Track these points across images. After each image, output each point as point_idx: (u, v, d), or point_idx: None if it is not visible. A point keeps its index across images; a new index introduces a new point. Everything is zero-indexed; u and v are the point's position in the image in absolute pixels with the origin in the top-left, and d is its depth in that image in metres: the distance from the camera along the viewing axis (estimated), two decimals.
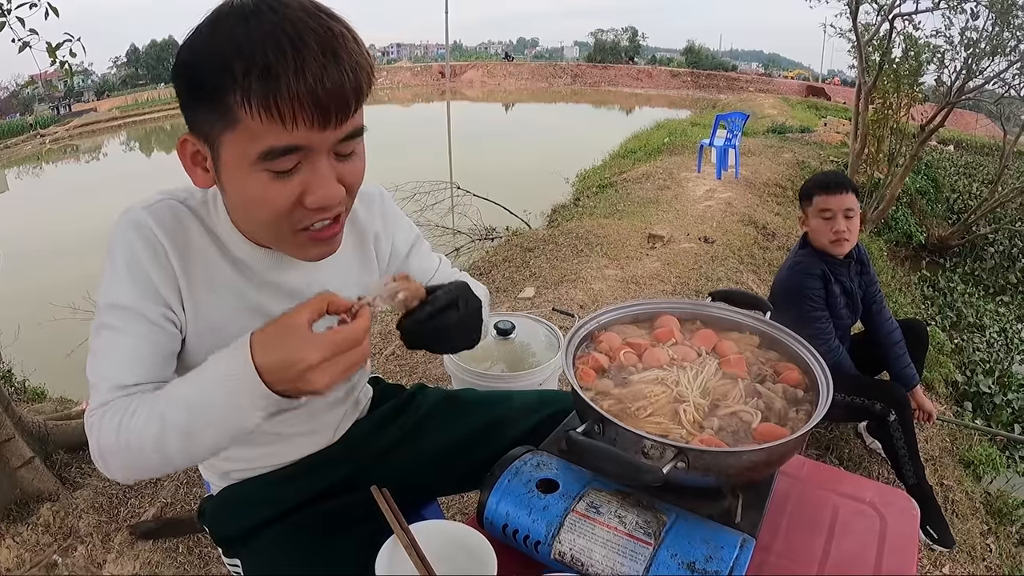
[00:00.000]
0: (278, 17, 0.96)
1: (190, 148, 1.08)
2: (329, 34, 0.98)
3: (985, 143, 17.87)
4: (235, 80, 0.95)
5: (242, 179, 1.04)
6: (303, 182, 1.04)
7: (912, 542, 1.29)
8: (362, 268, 1.43)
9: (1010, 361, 6.72)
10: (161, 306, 1.15)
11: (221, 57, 0.96)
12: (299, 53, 0.95)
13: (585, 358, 1.34)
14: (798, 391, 1.27)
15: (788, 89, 38.90)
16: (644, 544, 1.05)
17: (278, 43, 0.95)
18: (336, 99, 0.99)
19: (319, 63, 0.96)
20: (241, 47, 0.95)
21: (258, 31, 0.95)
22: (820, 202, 3.13)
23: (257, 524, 1.43)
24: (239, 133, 0.99)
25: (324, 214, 1.09)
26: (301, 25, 0.96)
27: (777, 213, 8.83)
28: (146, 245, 1.13)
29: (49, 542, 2.86)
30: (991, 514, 3.80)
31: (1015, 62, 9.70)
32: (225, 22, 0.98)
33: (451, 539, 1.15)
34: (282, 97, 0.95)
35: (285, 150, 0.99)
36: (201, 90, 0.99)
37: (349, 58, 0.99)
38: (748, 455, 1.06)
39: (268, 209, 1.06)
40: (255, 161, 1.00)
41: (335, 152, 1.06)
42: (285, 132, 0.97)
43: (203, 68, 0.98)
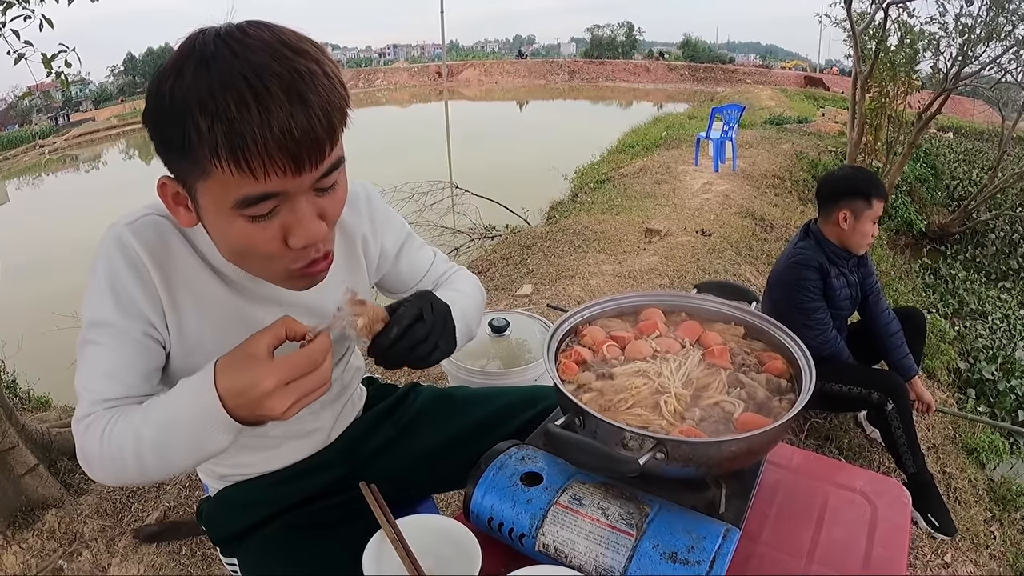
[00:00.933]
0: (239, 62, 0.93)
1: (170, 190, 1.06)
2: (294, 75, 0.94)
3: (984, 129, 17.82)
4: (200, 134, 0.92)
5: (222, 224, 1.03)
6: (283, 224, 1.03)
7: (903, 531, 1.30)
8: (351, 272, 1.43)
9: (1013, 347, 6.70)
10: (142, 323, 1.16)
11: (185, 109, 0.93)
12: (262, 103, 0.91)
13: (568, 352, 1.36)
14: (782, 381, 1.28)
15: (786, 80, 38.83)
16: (626, 535, 1.06)
17: (240, 93, 0.91)
18: (307, 145, 0.96)
19: (285, 111, 0.93)
20: (203, 98, 0.92)
21: (219, 79, 0.92)
22: (877, 207, 3.14)
23: (254, 524, 1.45)
24: (212, 182, 0.97)
25: (312, 252, 1.09)
26: (263, 69, 0.93)
27: (775, 204, 8.82)
28: (127, 264, 1.14)
29: (54, 548, 2.89)
30: (995, 501, 3.80)
31: (1011, 47, 9.69)
32: (187, 68, 0.94)
33: (437, 533, 1.17)
34: (249, 151, 0.92)
35: (259, 198, 0.98)
36: (171, 143, 0.97)
37: (318, 98, 0.96)
38: (728, 445, 1.07)
39: (254, 252, 1.06)
40: (231, 209, 0.99)
41: (315, 189, 1.04)
42: (259, 183, 0.96)
43: (169, 120, 0.96)
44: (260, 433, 1.37)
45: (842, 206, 3.16)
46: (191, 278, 1.20)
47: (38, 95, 28.21)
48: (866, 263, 3.35)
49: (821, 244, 3.23)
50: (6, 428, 3.02)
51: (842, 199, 3.17)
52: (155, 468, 1.07)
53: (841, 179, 3.27)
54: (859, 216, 3.13)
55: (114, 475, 1.11)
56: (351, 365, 1.59)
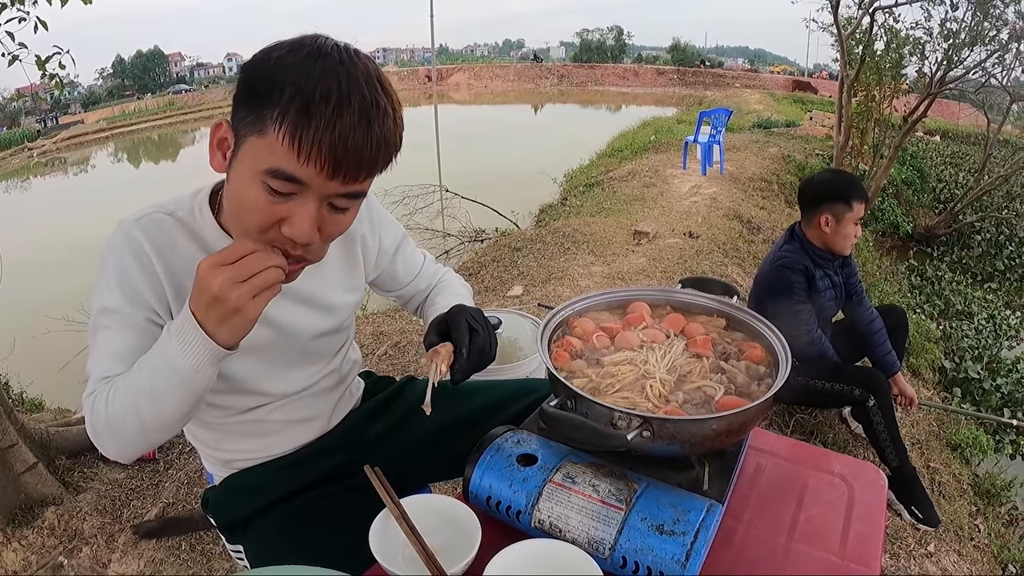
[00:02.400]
0: (343, 69, 1.05)
1: (221, 132, 1.15)
2: (373, 104, 1.06)
3: (970, 132, 17.96)
4: (280, 100, 1.02)
5: (246, 182, 1.10)
6: (289, 211, 1.10)
7: (879, 510, 1.37)
8: (348, 270, 1.51)
9: (999, 347, 6.80)
10: (146, 311, 1.24)
11: (281, 76, 1.04)
12: (340, 107, 1.02)
13: (560, 342, 1.43)
14: (760, 367, 1.35)
15: (774, 84, 39.07)
16: (616, 509, 1.13)
17: (328, 91, 1.02)
18: (352, 160, 1.06)
19: (350, 122, 1.03)
20: (299, 77, 1.03)
21: (320, 73, 1.03)
22: (858, 210, 3.19)
23: (258, 510, 1.51)
24: (262, 142, 1.05)
25: (293, 247, 1.15)
26: (354, 85, 1.04)
27: (762, 207, 8.90)
28: (134, 257, 1.23)
29: (54, 544, 2.91)
30: (979, 495, 3.87)
31: (995, 51, 9.80)
32: (301, 50, 1.06)
33: (439, 512, 1.23)
34: (307, 135, 1.02)
35: (288, 176, 1.05)
36: (253, 92, 1.07)
37: (380, 130, 1.07)
38: (709, 423, 1.14)
39: (253, 218, 1.12)
40: (261, 173, 1.07)
41: (331, 202, 1.12)
42: (296, 164, 1.04)
43: (264, 77, 1.06)
44: (260, 418, 1.45)
45: (823, 210, 3.22)
46: (193, 268, 1.23)
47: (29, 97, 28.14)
48: (850, 263, 3.41)
49: (805, 247, 3.27)
50: (5, 426, 3.03)
51: (823, 204, 3.22)
52: (151, 419, 1.15)
53: (820, 184, 3.33)
54: (840, 219, 3.18)
55: (120, 440, 1.20)
56: (349, 356, 1.65)
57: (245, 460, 1.54)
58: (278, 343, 1.40)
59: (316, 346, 1.48)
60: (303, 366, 1.49)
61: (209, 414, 1.46)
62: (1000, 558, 3.34)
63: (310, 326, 1.44)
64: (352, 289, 1.53)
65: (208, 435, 1.52)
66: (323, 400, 1.58)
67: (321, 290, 1.44)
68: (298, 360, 1.47)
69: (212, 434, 1.51)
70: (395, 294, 1.74)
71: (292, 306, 1.39)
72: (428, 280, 1.72)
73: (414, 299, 1.74)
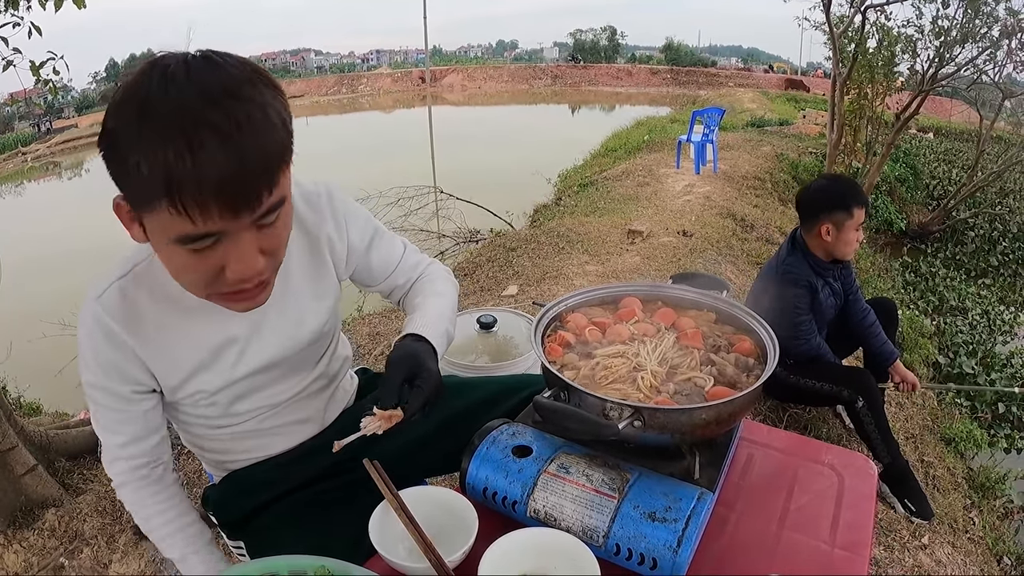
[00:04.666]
0: (174, 107, 0.95)
1: (124, 210, 1.08)
2: (231, 125, 0.96)
3: (964, 129, 18.01)
4: (141, 176, 0.96)
5: (165, 252, 1.08)
6: (224, 256, 1.06)
7: (869, 499, 1.39)
8: (317, 275, 1.47)
9: (993, 342, 6.83)
10: (129, 384, 1.31)
11: (128, 151, 0.96)
12: (196, 155, 0.94)
13: (553, 336, 1.45)
14: (749, 359, 1.37)
15: (767, 83, 39.08)
16: (609, 498, 1.16)
17: (176, 143, 0.93)
18: (242, 193, 1.00)
19: (218, 162, 0.95)
20: (143, 144, 0.95)
21: (159, 127, 0.94)
22: (859, 216, 3.15)
23: (258, 506, 1.53)
24: (155, 216, 1.01)
25: (245, 284, 1.12)
26: (200, 120, 0.95)
27: (756, 205, 8.92)
28: (106, 339, 1.25)
29: (55, 545, 2.93)
30: (974, 489, 3.90)
31: (986, 48, 9.85)
32: (131, 110, 0.97)
33: (437, 503, 1.26)
34: (186, 199, 0.96)
35: (199, 237, 1.01)
36: (119, 178, 1.02)
37: (255, 142, 0.99)
38: (698, 412, 1.17)
39: (192, 278, 1.11)
40: (172, 242, 1.03)
41: (257, 225, 1.07)
42: (195, 226, 0.99)
43: (115, 158, 1.00)
44: (253, 428, 1.47)
45: (823, 220, 3.18)
46: (164, 325, 1.28)
47: (23, 101, 28.01)
48: (848, 267, 3.42)
49: (807, 258, 3.26)
50: (5, 429, 3.05)
51: (822, 213, 3.18)
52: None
53: (819, 193, 3.29)
54: (841, 227, 3.15)
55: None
56: (337, 355, 1.65)
57: (243, 462, 1.56)
58: (260, 368, 1.40)
59: (297, 360, 1.48)
60: (289, 377, 1.49)
61: (202, 429, 1.48)
62: (995, 551, 3.37)
63: (288, 346, 1.43)
64: (323, 295, 1.49)
65: (203, 442, 1.54)
66: (315, 402, 1.58)
67: (293, 306, 1.42)
68: (284, 374, 1.47)
69: (207, 442, 1.53)
70: (374, 289, 1.69)
71: (267, 333, 1.38)
72: (407, 275, 1.66)
73: (394, 293, 1.69)
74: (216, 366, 1.34)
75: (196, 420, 1.45)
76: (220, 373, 1.34)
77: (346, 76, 58.50)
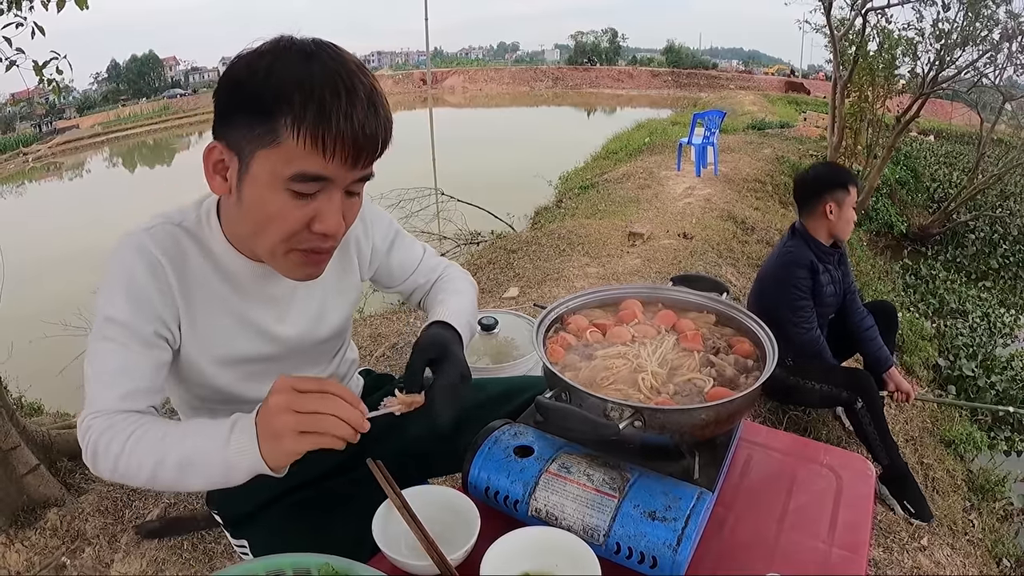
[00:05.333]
0: (336, 65, 1.10)
1: (216, 156, 1.17)
2: (373, 91, 1.12)
3: (964, 132, 18.03)
4: (291, 107, 1.06)
5: (266, 194, 1.14)
6: (317, 209, 1.14)
7: (867, 499, 1.41)
8: (343, 273, 1.52)
9: (993, 344, 6.84)
10: (155, 324, 1.24)
11: (283, 84, 1.07)
12: (351, 100, 1.08)
13: (555, 338, 1.47)
14: (748, 360, 1.39)
15: (768, 85, 39.13)
16: (610, 497, 1.17)
17: (335, 87, 1.07)
18: (370, 144, 1.11)
19: (364, 112, 1.09)
20: (303, 81, 1.07)
21: (320, 72, 1.08)
22: (855, 193, 3.33)
23: (262, 504, 1.55)
24: (277, 152, 1.09)
25: (325, 241, 1.20)
26: (354, 77, 1.10)
27: (756, 208, 8.93)
28: (148, 268, 1.23)
29: (57, 545, 2.93)
30: (973, 491, 3.91)
31: (987, 51, 9.86)
32: (288, 55, 1.09)
33: (439, 502, 1.27)
34: (329, 132, 1.06)
35: (315, 177, 1.11)
36: (253, 107, 1.09)
37: (385, 113, 1.14)
38: (698, 412, 1.18)
39: (281, 227, 1.16)
40: (285, 180, 1.11)
41: (347, 190, 1.18)
42: (321, 162, 1.09)
43: (262, 89, 1.08)
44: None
45: (826, 199, 3.30)
46: (203, 281, 1.30)
47: (25, 102, 28.01)
48: (845, 260, 3.47)
49: (809, 242, 3.35)
50: (8, 428, 3.05)
51: (825, 192, 3.31)
52: (166, 484, 1.17)
53: (820, 174, 3.43)
54: (842, 204, 3.29)
55: (118, 479, 1.19)
56: (346, 358, 1.68)
57: None
58: (276, 354, 1.42)
59: (313, 353, 1.51)
60: (301, 371, 1.49)
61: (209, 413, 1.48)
62: (994, 553, 3.38)
63: (308, 336, 1.46)
64: (346, 292, 1.55)
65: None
66: None
67: (319, 298, 1.46)
68: (295, 368, 1.48)
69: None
70: (394, 290, 1.74)
71: (292, 318, 1.42)
72: (427, 275, 1.72)
73: (415, 294, 1.74)
74: (238, 338, 1.36)
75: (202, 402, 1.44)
76: (239, 347, 1.36)
77: None
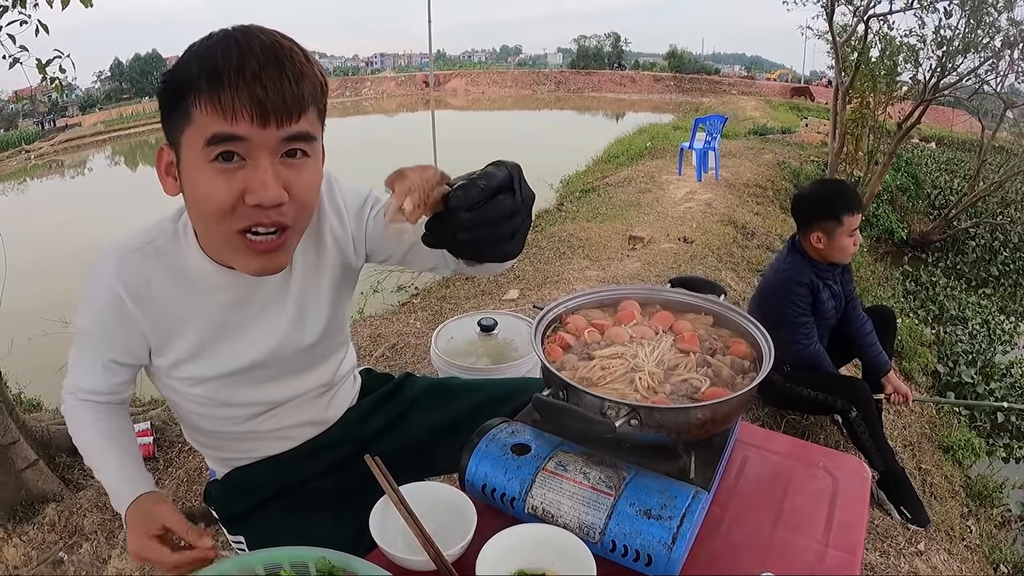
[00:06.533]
0: (239, 30, 1.12)
1: (165, 158, 1.21)
2: (276, 46, 1.11)
3: (966, 139, 18.03)
4: (190, 82, 1.09)
5: (195, 175, 1.14)
6: (245, 179, 1.12)
7: (863, 500, 1.42)
8: (318, 275, 1.46)
9: (993, 352, 6.84)
10: (117, 353, 1.36)
11: (188, 65, 1.11)
12: (243, 55, 1.07)
13: (553, 337, 1.47)
14: (745, 362, 1.40)
15: (770, 91, 39.15)
16: (606, 495, 1.18)
17: (227, 49, 1.08)
18: (273, 98, 1.08)
19: (259, 63, 1.08)
20: (202, 55, 1.10)
21: (217, 40, 1.11)
22: (851, 222, 3.13)
23: (259, 502, 1.56)
24: (193, 128, 1.11)
25: (264, 215, 1.15)
26: (251, 38, 1.10)
27: (757, 213, 8.94)
28: (111, 305, 1.30)
29: (55, 540, 2.94)
30: (971, 497, 3.91)
31: (988, 58, 9.88)
32: (199, 41, 1.13)
33: (436, 499, 1.28)
34: (223, 90, 1.06)
35: (227, 137, 1.09)
36: (171, 98, 1.14)
37: (292, 67, 1.11)
38: (694, 411, 1.19)
39: (213, 203, 1.14)
40: (203, 149, 1.11)
41: (282, 154, 1.14)
42: (227, 123, 1.08)
43: (171, 79, 1.13)
44: (251, 430, 1.50)
45: (814, 228, 3.20)
46: (171, 302, 1.32)
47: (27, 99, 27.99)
48: (847, 269, 3.44)
49: (807, 260, 3.27)
50: (7, 423, 3.06)
51: (812, 221, 3.20)
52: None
53: (808, 200, 3.32)
54: (832, 235, 3.15)
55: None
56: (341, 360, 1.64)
57: (246, 459, 1.58)
58: (258, 363, 1.41)
59: (298, 359, 1.48)
60: (292, 378, 1.50)
61: (202, 425, 1.50)
62: (992, 559, 3.38)
63: (288, 343, 1.43)
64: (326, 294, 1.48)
65: (205, 439, 1.56)
66: (316, 404, 1.60)
67: (295, 303, 1.42)
68: (286, 373, 1.48)
69: (209, 439, 1.55)
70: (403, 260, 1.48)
71: (268, 325, 1.40)
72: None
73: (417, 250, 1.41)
74: (213, 350, 1.36)
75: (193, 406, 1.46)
76: (216, 359, 1.37)
77: (350, 79, 58.49)
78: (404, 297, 6.35)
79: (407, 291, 6.63)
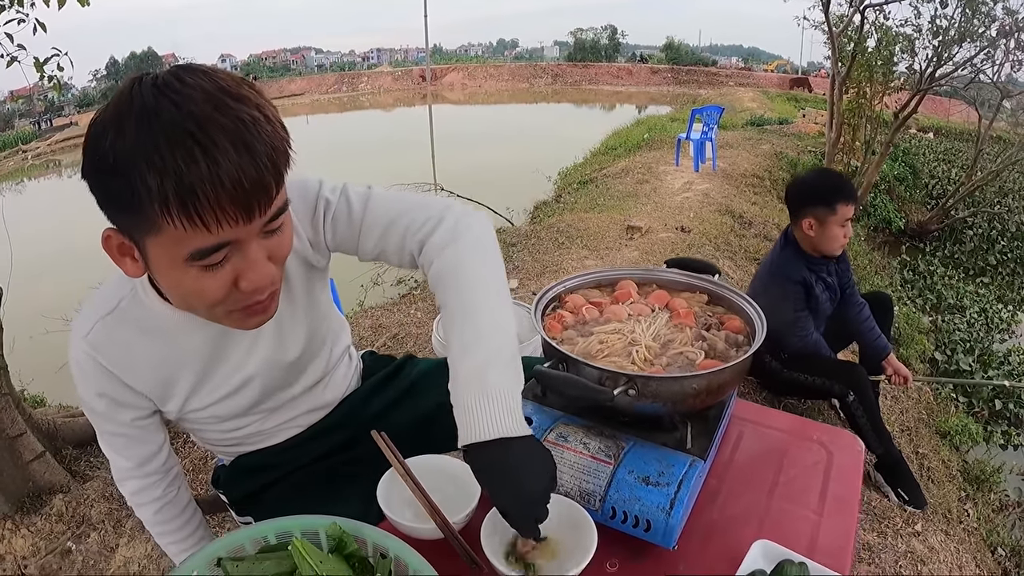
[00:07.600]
0: (182, 115, 0.92)
1: (115, 241, 1.06)
2: (239, 125, 0.95)
3: (963, 129, 18.03)
4: (150, 191, 0.92)
5: (175, 275, 1.05)
6: (235, 269, 1.05)
7: (856, 472, 1.46)
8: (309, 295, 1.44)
9: (990, 340, 6.86)
10: (130, 411, 1.34)
11: (131, 166, 0.92)
12: (210, 155, 0.92)
13: (553, 315, 1.51)
14: (739, 336, 1.43)
15: (768, 82, 39.12)
16: (605, 464, 1.22)
17: (187, 147, 0.91)
18: (256, 193, 0.97)
19: (233, 162, 0.93)
20: (149, 155, 0.91)
21: (164, 134, 0.91)
22: (843, 211, 3.11)
23: (266, 484, 1.60)
24: (164, 237, 0.98)
25: (259, 295, 1.12)
26: (207, 121, 0.93)
27: (754, 202, 8.96)
28: (97, 371, 1.27)
29: (63, 530, 2.96)
30: (969, 482, 3.94)
31: (984, 48, 9.89)
32: (128, 123, 0.93)
33: (441, 470, 1.31)
34: (202, 205, 0.93)
35: (213, 248, 1.00)
36: (118, 199, 0.97)
37: (263, 145, 0.97)
38: (689, 381, 1.22)
39: (204, 299, 1.08)
40: (184, 260, 1.00)
41: (264, 232, 1.06)
42: (211, 235, 0.97)
43: (114, 178, 0.94)
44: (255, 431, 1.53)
45: (806, 214, 3.19)
46: (153, 360, 1.29)
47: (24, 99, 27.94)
48: (844, 259, 3.44)
49: (799, 254, 3.28)
50: (14, 416, 3.07)
51: (805, 207, 3.19)
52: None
53: (802, 186, 3.30)
54: (824, 223, 3.14)
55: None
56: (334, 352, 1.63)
57: (250, 447, 1.60)
58: (255, 376, 1.41)
59: (289, 370, 1.48)
60: (286, 385, 1.50)
61: (209, 437, 1.54)
62: (989, 542, 3.41)
63: (276, 358, 1.42)
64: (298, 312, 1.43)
65: (212, 446, 1.61)
66: (314, 397, 1.61)
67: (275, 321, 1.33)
68: (278, 383, 1.48)
69: (216, 446, 1.60)
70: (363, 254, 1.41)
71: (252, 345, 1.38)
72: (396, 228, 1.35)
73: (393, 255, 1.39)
74: (206, 381, 1.36)
75: (201, 427, 1.48)
76: (208, 387, 1.37)
77: (347, 74, 58.55)
78: (404, 290, 6.38)
79: (407, 284, 6.66)
